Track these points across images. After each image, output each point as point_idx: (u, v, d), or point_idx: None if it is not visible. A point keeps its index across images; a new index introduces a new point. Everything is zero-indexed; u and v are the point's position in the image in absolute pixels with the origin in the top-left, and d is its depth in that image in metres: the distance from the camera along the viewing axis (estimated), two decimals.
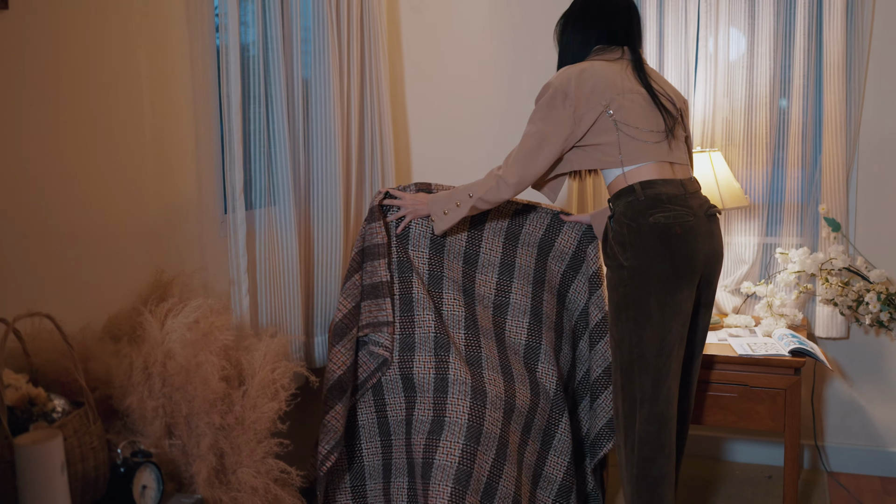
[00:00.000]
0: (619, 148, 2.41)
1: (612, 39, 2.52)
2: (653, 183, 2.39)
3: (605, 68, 2.45)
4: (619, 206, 2.42)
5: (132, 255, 2.30)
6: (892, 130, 3.26)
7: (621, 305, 2.40)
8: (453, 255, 2.79)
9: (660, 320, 2.35)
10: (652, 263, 2.34)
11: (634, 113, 2.42)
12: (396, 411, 2.65)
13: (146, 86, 2.34)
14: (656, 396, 2.39)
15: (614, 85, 2.42)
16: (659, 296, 2.34)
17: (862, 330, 3.36)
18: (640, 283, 2.35)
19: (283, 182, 2.82)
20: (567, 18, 2.60)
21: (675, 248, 2.34)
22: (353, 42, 3.19)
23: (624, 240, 2.38)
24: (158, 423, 1.97)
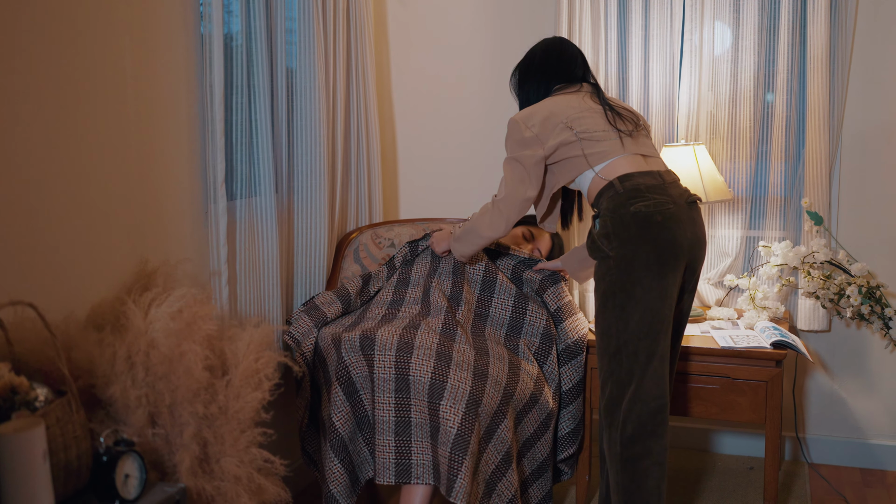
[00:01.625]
0: (583, 153, 2.53)
1: (570, 80, 2.71)
2: (630, 176, 2.47)
3: (563, 98, 2.64)
4: (602, 203, 2.49)
5: (115, 245, 2.29)
6: (874, 125, 3.28)
7: (608, 293, 2.45)
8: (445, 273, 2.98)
9: (646, 305, 2.41)
10: (637, 251, 2.40)
11: (593, 122, 2.57)
12: (359, 368, 2.67)
13: (130, 75, 2.33)
14: (642, 377, 2.43)
15: (571, 107, 2.60)
16: (644, 282, 2.40)
17: (843, 323, 3.39)
18: (626, 270, 2.41)
19: (264, 173, 2.82)
20: (524, 72, 2.77)
21: (658, 235, 2.41)
22: (339, 33, 3.19)
23: (608, 231, 2.44)
24: (142, 413, 1.97)
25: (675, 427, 3.60)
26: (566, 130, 2.55)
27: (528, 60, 2.78)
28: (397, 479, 2.58)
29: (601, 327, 2.50)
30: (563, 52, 2.75)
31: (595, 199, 2.54)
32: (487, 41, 3.69)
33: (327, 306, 2.92)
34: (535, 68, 2.74)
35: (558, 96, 2.66)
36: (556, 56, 2.74)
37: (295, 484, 3.22)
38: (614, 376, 2.48)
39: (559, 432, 2.90)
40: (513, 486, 2.60)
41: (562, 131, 2.55)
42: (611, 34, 3.45)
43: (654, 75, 3.41)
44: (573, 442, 2.90)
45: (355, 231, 3.35)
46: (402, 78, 3.81)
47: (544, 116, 2.58)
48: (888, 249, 3.31)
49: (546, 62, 2.73)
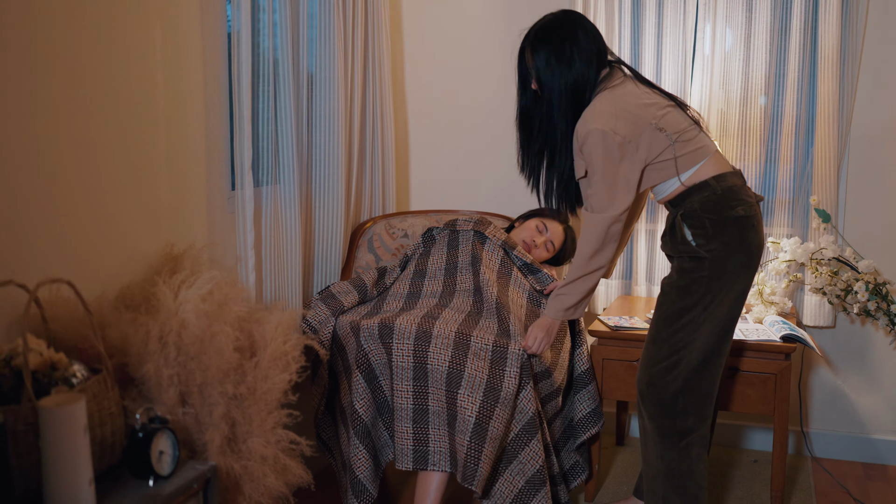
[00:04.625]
0: (674, 156, 2.45)
1: (602, 63, 2.53)
2: (723, 176, 2.45)
3: (625, 91, 2.47)
4: (693, 203, 2.44)
5: (143, 229, 2.33)
6: (881, 124, 3.34)
7: (694, 291, 2.43)
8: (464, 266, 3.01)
9: (729, 306, 2.44)
10: (732, 255, 2.41)
11: (675, 118, 2.48)
12: (378, 356, 2.71)
13: (160, 64, 2.37)
14: (707, 374, 2.48)
15: (644, 103, 2.46)
16: (735, 285, 2.43)
17: (848, 319, 3.45)
18: (718, 271, 2.41)
19: (287, 161, 2.86)
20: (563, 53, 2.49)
21: (753, 240, 2.44)
22: (358, 28, 3.23)
23: (707, 232, 2.41)
24: (173, 392, 2.00)
25: None
26: (657, 133, 2.44)
27: (571, 38, 2.49)
28: (415, 465, 2.62)
29: (675, 321, 2.47)
30: (594, 27, 2.54)
31: (678, 197, 2.48)
32: (501, 35, 3.73)
33: (344, 295, 2.95)
34: (586, 49, 2.48)
35: (618, 89, 2.48)
36: (595, 32, 2.52)
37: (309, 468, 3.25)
38: (683, 364, 2.47)
39: (578, 414, 2.95)
40: (539, 457, 2.62)
41: (652, 134, 2.44)
42: (624, 31, 3.49)
43: (667, 73, 3.46)
44: (595, 422, 2.96)
45: (369, 221, 3.39)
46: (415, 71, 3.85)
47: (626, 119, 2.42)
48: (892, 247, 3.36)
49: (595, 39, 2.50)
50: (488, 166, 3.80)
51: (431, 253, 3.07)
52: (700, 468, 2.54)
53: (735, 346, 2.91)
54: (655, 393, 2.53)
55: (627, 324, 3.09)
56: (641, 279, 3.63)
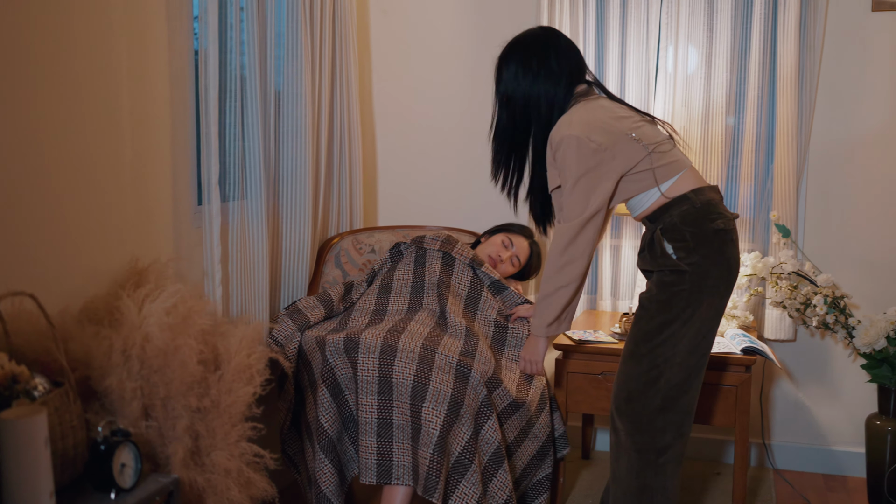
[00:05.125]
0: (652, 167, 2.45)
1: (582, 80, 2.56)
2: (701, 190, 2.46)
3: (598, 105, 2.49)
4: (673, 217, 2.43)
5: (108, 243, 2.33)
6: (839, 142, 3.42)
7: (674, 306, 2.41)
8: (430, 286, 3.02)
9: (707, 321, 2.43)
10: (712, 268, 2.40)
11: (652, 131, 2.50)
12: (344, 370, 2.72)
13: (126, 79, 2.38)
14: (686, 390, 2.45)
15: (619, 116, 2.48)
16: (714, 300, 2.43)
17: (808, 333, 3.52)
18: (698, 285, 2.40)
19: (254, 177, 2.88)
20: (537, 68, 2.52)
21: (731, 254, 2.45)
22: (325, 43, 3.26)
23: (688, 245, 2.40)
24: (136, 405, 2.00)
25: None
26: (633, 143, 2.43)
27: (539, 53, 2.52)
28: (378, 480, 2.63)
29: (656, 336, 2.44)
30: (569, 42, 2.57)
31: (656, 211, 2.47)
32: (467, 52, 3.78)
33: (310, 310, 2.97)
34: (555, 66, 2.51)
35: (591, 101, 2.50)
36: (572, 51, 2.55)
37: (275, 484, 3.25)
38: (663, 380, 2.44)
39: (555, 432, 2.97)
40: (507, 487, 2.65)
41: (629, 144, 2.43)
42: (589, 49, 3.55)
43: (630, 91, 3.52)
44: (564, 446, 2.99)
45: (336, 237, 3.41)
46: (383, 86, 3.89)
47: (601, 129, 2.42)
48: (852, 261, 3.44)
49: (567, 59, 2.53)
50: (456, 182, 3.84)
51: (398, 268, 3.09)
52: (674, 484, 2.52)
53: None
54: (634, 409, 2.47)
55: (592, 337, 3.13)
56: (606, 294, 3.67)
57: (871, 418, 3.26)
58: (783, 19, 3.32)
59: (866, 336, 3.14)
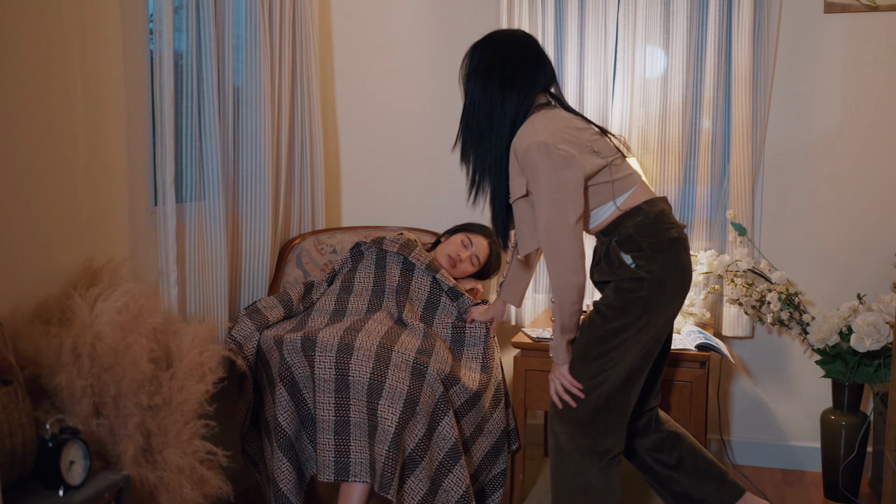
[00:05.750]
0: (611, 179, 2.46)
1: (546, 89, 2.53)
2: (653, 201, 2.49)
3: (557, 115, 2.47)
4: (628, 229, 2.44)
5: (61, 243, 2.34)
6: (794, 142, 3.48)
7: (632, 310, 2.42)
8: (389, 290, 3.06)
9: (660, 329, 2.47)
10: (670, 276, 2.43)
11: (606, 145, 2.51)
12: (301, 369, 2.74)
13: (79, 78, 2.39)
14: (628, 393, 2.48)
15: (577, 127, 2.46)
16: (668, 307, 2.45)
17: (765, 330, 3.57)
18: (657, 291, 2.42)
19: (212, 177, 2.89)
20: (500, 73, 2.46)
21: (685, 262, 2.48)
22: (286, 46, 3.28)
23: (645, 253, 2.41)
24: (87, 403, 2.02)
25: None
26: (593, 155, 2.43)
27: (503, 59, 2.47)
28: (336, 477, 2.65)
29: (609, 340, 2.44)
30: (537, 52, 2.52)
31: (611, 224, 2.48)
32: (429, 53, 3.81)
33: (269, 310, 2.98)
34: (520, 73, 2.47)
35: (550, 111, 2.47)
36: (533, 59, 2.50)
37: (236, 484, 3.26)
38: (608, 384, 2.45)
39: (510, 425, 3.02)
40: (463, 482, 2.68)
41: (589, 156, 2.42)
42: (548, 52, 3.57)
43: (589, 92, 3.56)
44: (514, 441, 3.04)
45: (298, 237, 3.42)
46: (346, 88, 3.91)
47: (565, 138, 2.40)
48: (807, 259, 3.50)
49: (533, 67, 2.49)
50: (419, 182, 3.87)
51: (359, 269, 3.11)
52: (617, 483, 2.54)
53: None
54: (576, 412, 2.49)
55: (549, 335, 3.16)
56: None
57: (825, 413, 3.31)
58: (737, 21, 3.38)
59: (820, 332, 3.19)
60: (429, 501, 2.65)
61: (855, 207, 3.44)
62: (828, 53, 3.42)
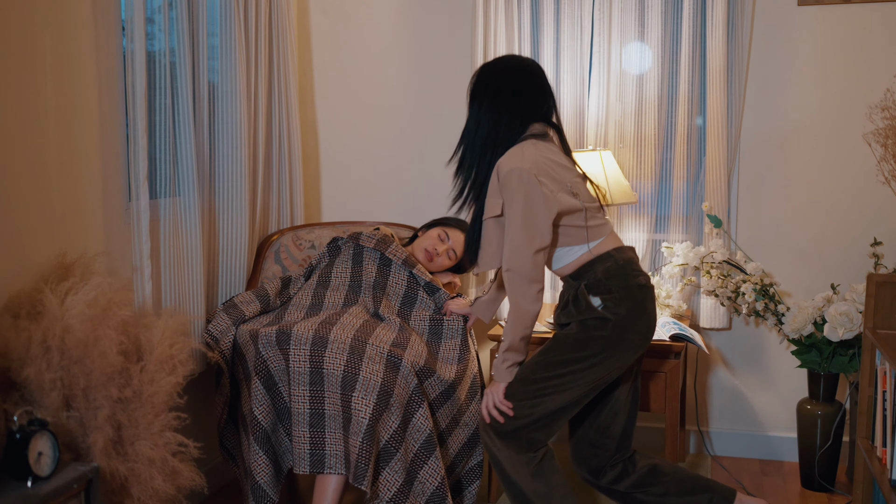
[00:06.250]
0: (585, 224, 2.49)
1: (544, 119, 2.58)
2: (622, 249, 2.54)
3: (548, 149, 2.52)
4: (597, 273, 2.48)
5: (34, 238, 2.35)
6: (769, 134, 3.50)
7: (589, 346, 2.46)
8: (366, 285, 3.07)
9: (609, 372, 2.49)
10: (635, 322, 2.47)
11: (586, 190, 2.56)
12: (277, 362, 2.76)
13: (49, 73, 2.40)
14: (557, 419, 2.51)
15: (563, 166, 2.52)
16: (626, 352, 2.48)
17: (743, 321, 3.59)
18: (620, 336, 2.45)
19: (187, 173, 2.90)
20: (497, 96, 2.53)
21: (651, 311, 2.52)
22: (262, 42, 3.29)
23: (615, 297, 2.45)
24: (56, 395, 2.03)
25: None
26: (571, 197, 2.48)
27: (503, 82, 2.54)
28: (311, 469, 2.67)
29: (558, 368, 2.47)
30: (543, 82, 2.58)
31: (581, 269, 2.51)
32: (406, 50, 3.83)
33: (245, 305, 3.00)
34: (515, 99, 2.53)
35: (541, 144, 2.52)
36: (539, 88, 2.57)
37: (217, 480, 3.28)
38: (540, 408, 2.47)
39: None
40: (438, 474, 2.70)
41: (567, 196, 2.47)
42: (524, 47, 3.61)
43: (565, 85, 3.59)
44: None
45: (276, 233, 3.44)
46: (325, 84, 3.92)
47: (547, 173, 2.45)
48: (783, 250, 3.52)
49: (529, 94, 2.55)
50: (398, 178, 3.89)
51: (336, 264, 3.13)
52: (556, 479, 2.54)
53: None
54: (502, 425, 2.51)
55: None
56: (546, 285, 3.72)
57: (801, 403, 3.34)
58: (711, 14, 3.40)
59: (794, 322, 3.22)
60: (404, 493, 2.67)
61: (830, 198, 3.47)
62: (802, 46, 3.44)
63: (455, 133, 2.59)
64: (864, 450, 2.70)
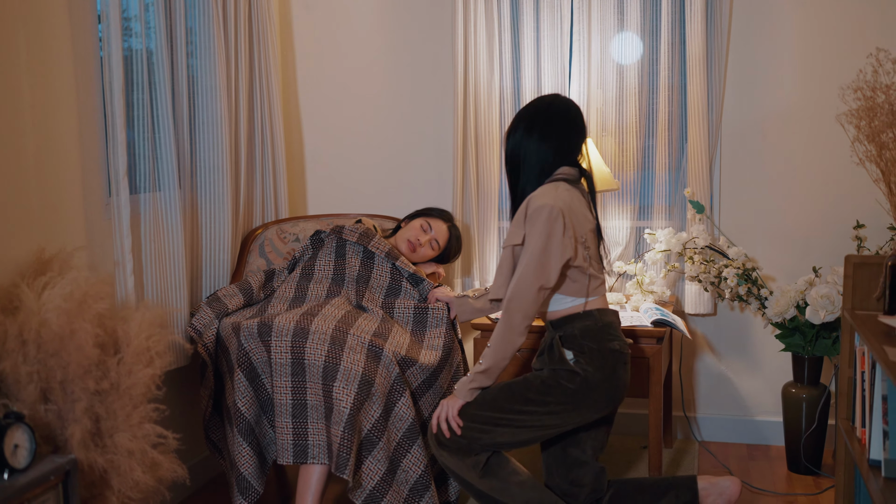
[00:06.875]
0: (588, 280, 2.55)
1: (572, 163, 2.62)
2: (605, 311, 2.58)
3: (577, 196, 2.58)
4: (574, 329, 2.53)
5: (12, 234, 2.36)
6: (750, 121, 3.51)
7: (553, 393, 2.50)
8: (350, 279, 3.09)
9: (565, 424, 2.53)
10: (602, 384, 2.50)
11: (594, 247, 2.61)
12: (259, 354, 2.78)
13: (25, 70, 2.41)
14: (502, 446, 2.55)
15: (585, 217, 2.59)
16: (587, 411, 2.52)
17: (727, 307, 3.60)
18: (585, 394, 2.50)
19: (167, 168, 2.92)
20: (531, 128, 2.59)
21: (621, 377, 2.55)
22: (241, 37, 3.30)
23: (586, 356, 2.51)
24: (33, 388, 2.04)
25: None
26: (582, 248, 2.54)
27: (537, 116, 2.61)
28: (295, 460, 2.69)
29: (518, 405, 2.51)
30: (579, 124, 2.63)
31: (562, 319, 2.56)
32: (389, 42, 3.84)
33: (229, 298, 3.02)
34: (547, 133, 2.58)
35: (574, 190, 2.58)
36: (573, 127, 2.62)
37: (204, 474, 3.30)
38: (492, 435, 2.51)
39: None
40: (421, 462, 2.71)
41: (579, 247, 2.53)
42: (504, 35, 3.62)
43: (546, 74, 3.60)
44: None
45: (261, 227, 3.45)
46: (308, 79, 3.93)
47: (575, 218, 2.52)
48: (766, 235, 3.53)
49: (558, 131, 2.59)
50: (381, 170, 3.90)
51: (319, 257, 3.14)
52: (509, 468, 2.57)
53: None
54: (448, 439, 2.53)
55: None
56: None
57: (786, 386, 3.35)
58: (690, 1, 3.40)
59: (777, 306, 3.23)
60: (388, 481, 2.69)
61: (811, 181, 3.48)
62: (782, 30, 3.45)
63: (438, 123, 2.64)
64: (844, 431, 2.71)
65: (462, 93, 3.61)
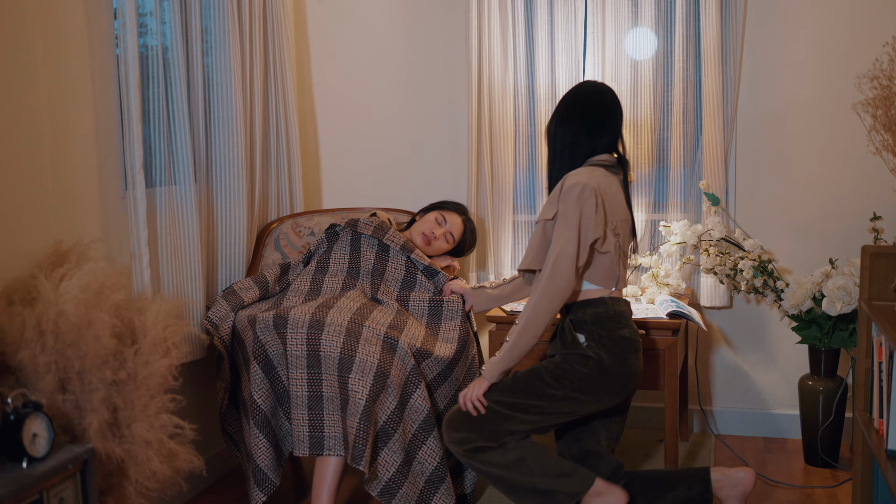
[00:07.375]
0: (613, 267, 2.57)
1: (610, 149, 2.65)
2: (618, 300, 2.61)
3: (614, 183, 2.61)
4: (585, 315, 2.56)
5: (29, 227, 2.38)
6: (766, 112, 3.49)
7: (565, 381, 2.52)
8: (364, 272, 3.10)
9: (582, 411, 2.54)
10: (615, 369, 2.51)
11: (625, 235, 2.63)
12: (275, 347, 2.79)
13: (41, 64, 2.43)
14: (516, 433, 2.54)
15: (621, 205, 2.62)
16: (598, 398, 2.53)
17: (743, 299, 3.59)
18: (598, 379, 2.51)
19: (183, 162, 2.93)
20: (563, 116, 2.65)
21: (633, 364, 2.56)
22: (256, 32, 3.32)
23: (597, 341, 2.53)
24: (51, 378, 2.06)
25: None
26: (612, 234, 2.56)
27: (565, 101, 2.68)
28: (311, 451, 2.70)
29: (529, 397, 2.52)
30: (608, 104, 2.65)
31: (579, 303, 2.59)
32: (402, 35, 3.84)
33: (244, 291, 3.03)
34: (572, 117, 2.64)
35: (612, 176, 2.62)
36: (599, 108, 2.64)
37: (221, 466, 3.32)
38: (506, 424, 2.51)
39: None
40: (437, 454, 2.72)
41: (609, 232, 2.55)
42: (518, 29, 3.62)
43: (560, 69, 3.59)
44: None
45: (276, 221, 3.46)
46: (322, 72, 3.95)
47: (609, 202, 2.55)
48: (783, 227, 3.52)
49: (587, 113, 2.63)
50: (396, 162, 3.90)
51: (334, 250, 3.15)
52: (526, 443, 2.55)
53: None
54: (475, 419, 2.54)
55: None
56: None
57: (803, 379, 3.33)
58: None
59: (793, 298, 3.21)
60: (403, 473, 2.70)
61: (827, 172, 3.46)
62: (797, 22, 3.43)
63: (452, 117, 2.63)
64: (861, 422, 2.69)
65: (476, 87, 3.61)
